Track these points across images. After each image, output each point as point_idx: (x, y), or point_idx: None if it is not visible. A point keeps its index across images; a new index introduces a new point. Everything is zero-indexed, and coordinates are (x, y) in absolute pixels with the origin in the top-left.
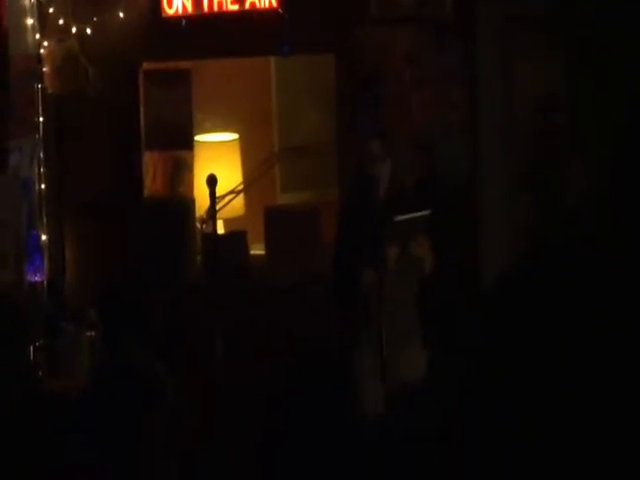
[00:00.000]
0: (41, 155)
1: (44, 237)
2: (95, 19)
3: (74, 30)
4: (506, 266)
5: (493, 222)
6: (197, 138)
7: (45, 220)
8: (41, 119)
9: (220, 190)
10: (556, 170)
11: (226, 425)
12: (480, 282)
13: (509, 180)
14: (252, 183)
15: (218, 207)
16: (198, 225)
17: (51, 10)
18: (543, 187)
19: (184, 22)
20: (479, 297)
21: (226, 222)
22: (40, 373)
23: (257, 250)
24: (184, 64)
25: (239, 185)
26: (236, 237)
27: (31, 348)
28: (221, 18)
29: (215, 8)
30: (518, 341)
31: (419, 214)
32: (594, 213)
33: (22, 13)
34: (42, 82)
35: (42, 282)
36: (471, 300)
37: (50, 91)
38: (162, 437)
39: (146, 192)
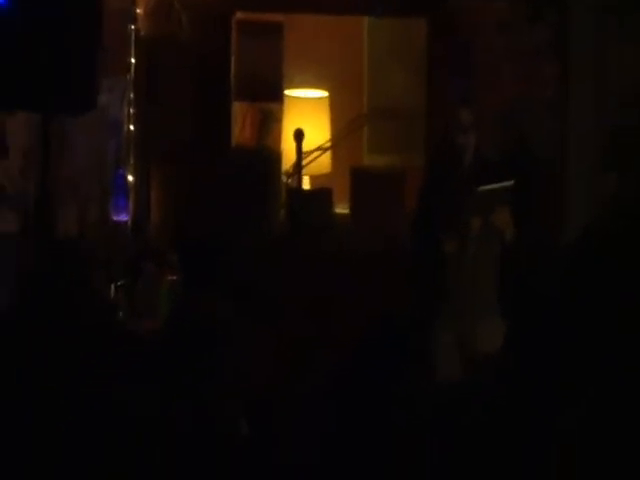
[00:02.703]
0: (131, 96)
1: (130, 178)
2: None
3: None
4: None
5: (577, 197)
6: (287, 92)
7: (132, 161)
8: (133, 60)
9: (307, 146)
10: None
11: (300, 382)
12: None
13: (595, 156)
14: (340, 141)
15: (304, 163)
16: (284, 179)
17: None
18: (629, 165)
19: None
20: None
21: (312, 178)
22: (120, 311)
23: (341, 209)
24: (277, 17)
25: (326, 142)
26: (321, 194)
27: (112, 286)
28: None
29: None
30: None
31: (503, 184)
32: None
33: None
34: (135, 24)
35: (126, 222)
36: (551, 273)
37: (142, 33)
38: (230, 385)
39: (233, 141)
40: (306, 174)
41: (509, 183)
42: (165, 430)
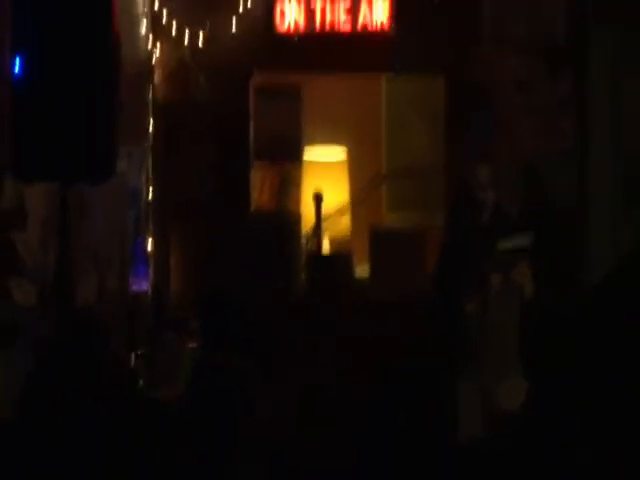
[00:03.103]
0: (149, 162)
1: (150, 245)
2: (208, 29)
3: (187, 39)
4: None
5: (599, 247)
6: (306, 158)
7: (151, 227)
8: (151, 126)
9: (326, 207)
10: None
11: (323, 434)
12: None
13: (615, 204)
14: (359, 203)
15: (324, 225)
16: (304, 241)
17: (164, 18)
18: None
19: (296, 37)
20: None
21: (332, 241)
22: (140, 380)
23: (362, 270)
24: (295, 78)
25: (346, 204)
26: (341, 259)
27: (132, 355)
28: (332, 36)
29: (327, 27)
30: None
31: (522, 239)
32: None
33: (135, 19)
34: (153, 89)
35: (146, 291)
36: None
37: (160, 98)
38: (251, 442)
39: (253, 204)
40: (326, 237)
41: (529, 237)
42: None
